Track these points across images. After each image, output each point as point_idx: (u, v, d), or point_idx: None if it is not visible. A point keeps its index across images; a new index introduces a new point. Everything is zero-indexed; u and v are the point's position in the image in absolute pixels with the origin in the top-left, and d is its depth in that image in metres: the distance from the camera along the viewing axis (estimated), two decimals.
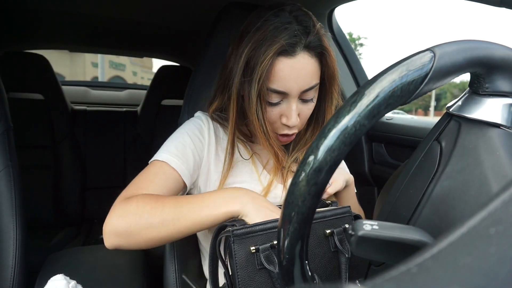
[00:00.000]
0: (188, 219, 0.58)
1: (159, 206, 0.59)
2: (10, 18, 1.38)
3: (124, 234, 0.58)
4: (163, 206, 0.59)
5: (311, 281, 0.38)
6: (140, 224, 0.58)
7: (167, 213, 0.58)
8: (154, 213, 0.58)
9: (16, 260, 0.87)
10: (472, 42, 0.33)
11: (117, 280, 1.00)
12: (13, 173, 0.91)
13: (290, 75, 0.63)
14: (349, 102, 0.31)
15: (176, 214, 0.58)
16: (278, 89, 0.64)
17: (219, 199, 0.59)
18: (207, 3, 1.20)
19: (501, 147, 0.35)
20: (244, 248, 0.54)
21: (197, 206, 0.59)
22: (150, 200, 0.60)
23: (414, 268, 0.15)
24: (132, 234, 0.58)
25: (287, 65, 0.62)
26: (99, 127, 2.07)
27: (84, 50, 2.31)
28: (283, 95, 0.65)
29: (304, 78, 0.64)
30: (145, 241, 0.59)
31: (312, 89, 0.66)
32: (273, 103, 0.66)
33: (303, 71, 0.63)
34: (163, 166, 0.67)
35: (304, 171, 0.32)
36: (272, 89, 0.64)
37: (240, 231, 0.54)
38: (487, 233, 0.15)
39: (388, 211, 0.42)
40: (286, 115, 0.66)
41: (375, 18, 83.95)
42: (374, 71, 1.73)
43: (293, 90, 0.64)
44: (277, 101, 0.66)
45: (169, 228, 0.58)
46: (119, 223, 0.59)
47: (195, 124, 0.75)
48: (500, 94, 0.36)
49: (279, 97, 0.65)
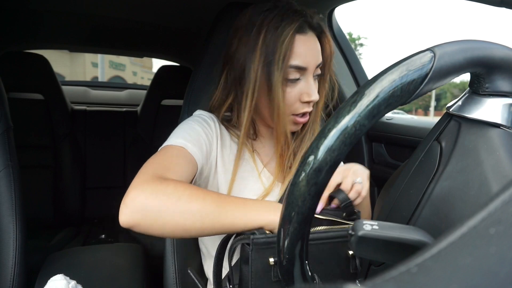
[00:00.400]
0: (229, 217, 0.54)
1: (200, 195, 0.54)
2: (10, 18, 1.38)
3: (152, 213, 0.52)
4: (205, 197, 0.54)
5: (311, 281, 0.38)
6: (176, 207, 0.52)
7: (208, 204, 0.53)
8: (195, 201, 0.53)
9: (16, 260, 0.87)
10: (472, 42, 0.33)
11: (117, 280, 1.00)
12: (13, 173, 0.91)
13: (307, 50, 0.68)
14: (349, 102, 0.31)
15: (217, 208, 0.54)
16: (300, 65, 0.68)
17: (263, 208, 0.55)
18: (207, 3, 1.20)
19: (501, 147, 0.35)
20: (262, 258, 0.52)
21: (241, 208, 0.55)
22: (189, 187, 0.55)
23: (414, 268, 0.15)
24: (161, 215, 0.52)
25: (302, 41, 0.68)
26: (99, 127, 2.07)
27: (84, 50, 2.31)
28: (302, 71, 0.69)
29: (316, 54, 0.71)
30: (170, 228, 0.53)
31: (320, 65, 0.72)
32: (293, 81, 0.69)
33: (314, 46, 0.70)
34: (181, 150, 0.63)
35: (304, 171, 0.32)
36: (294, 65, 0.67)
37: (261, 240, 0.52)
38: (487, 233, 0.15)
39: (388, 211, 0.42)
40: (306, 91, 0.70)
41: (375, 18, 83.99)
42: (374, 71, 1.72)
43: (310, 64, 0.69)
44: (297, 77, 0.69)
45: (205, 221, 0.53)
46: (150, 200, 0.52)
47: (202, 118, 0.74)
48: (500, 94, 0.36)
49: (298, 73, 0.69)
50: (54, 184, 1.82)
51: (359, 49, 28.40)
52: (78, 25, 1.57)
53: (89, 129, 2.04)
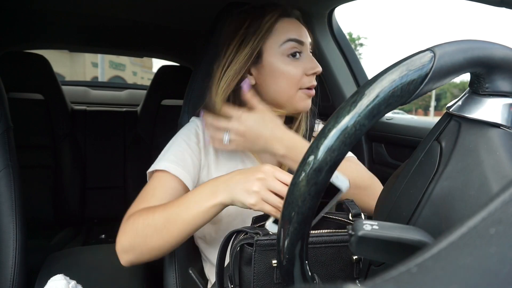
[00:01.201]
0: (178, 220, 0.59)
1: (149, 216, 0.61)
2: (10, 18, 1.38)
3: (130, 249, 0.62)
4: (153, 214, 0.60)
5: (311, 281, 0.38)
6: (138, 237, 0.61)
7: (157, 219, 0.60)
8: (147, 223, 0.60)
9: (16, 260, 0.87)
10: (472, 42, 0.33)
11: (117, 280, 1.00)
12: (13, 173, 0.91)
13: (299, 28, 0.74)
14: (349, 102, 0.31)
15: (165, 218, 0.59)
16: (298, 38, 0.72)
17: (203, 194, 0.59)
18: (207, 3, 1.20)
19: (501, 147, 0.34)
20: (265, 260, 0.52)
21: (184, 206, 0.59)
22: (143, 212, 0.62)
23: (414, 268, 0.15)
24: (135, 248, 0.62)
25: (293, 22, 0.74)
26: (99, 127, 2.07)
27: (84, 50, 2.31)
28: (301, 45, 0.72)
29: (306, 33, 0.75)
30: (149, 252, 0.62)
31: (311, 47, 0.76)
32: (295, 56, 0.72)
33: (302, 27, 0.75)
34: (163, 176, 0.68)
35: (304, 171, 0.32)
36: (293, 38, 0.72)
37: (264, 242, 0.52)
38: (487, 233, 0.15)
39: (388, 211, 0.42)
40: (310, 65, 0.73)
41: (375, 18, 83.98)
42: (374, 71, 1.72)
43: (305, 37, 0.74)
44: (298, 51, 0.72)
45: (164, 234, 0.59)
46: (123, 240, 0.62)
47: (190, 129, 0.77)
48: (500, 94, 0.36)
49: (298, 47, 0.72)
50: (54, 184, 1.82)
51: (359, 49, 28.40)
52: (78, 25, 1.56)
53: (89, 129, 2.04)
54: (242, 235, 0.56)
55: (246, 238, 0.54)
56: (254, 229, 0.55)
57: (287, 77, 0.71)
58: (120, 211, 0.71)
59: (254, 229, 0.55)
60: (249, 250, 0.53)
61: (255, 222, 0.58)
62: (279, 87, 0.73)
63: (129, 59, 14.77)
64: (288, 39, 0.71)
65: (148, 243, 0.61)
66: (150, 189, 0.68)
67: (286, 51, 0.71)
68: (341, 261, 0.56)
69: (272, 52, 0.72)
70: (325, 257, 0.55)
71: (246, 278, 0.54)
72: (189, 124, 0.80)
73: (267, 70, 0.72)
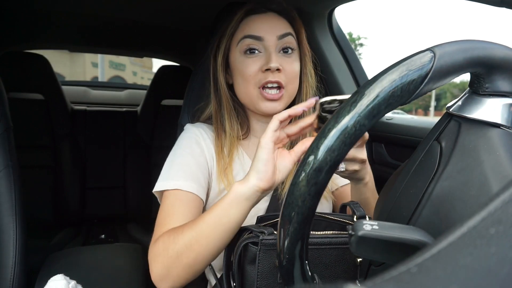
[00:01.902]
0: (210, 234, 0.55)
1: (178, 234, 0.57)
2: (10, 18, 1.38)
3: (165, 274, 0.57)
4: (182, 232, 0.57)
5: (311, 281, 0.38)
6: (171, 258, 0.56)
7: (187, 236, 0.56)
8: (177, 242, 0.56)
9: (16, 260, 0.87)
10: (472, 42, 0.33)
11: (117, 280, 1.00)
12: (13, 173, 0.91)
13: (263, 23, 0.71)
14: (349, 102, 0.31)
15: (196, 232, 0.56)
16: (254, 34, 0.70)
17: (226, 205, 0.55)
18: (207, 3, 1.20)
19: (501, 147, 0.34)
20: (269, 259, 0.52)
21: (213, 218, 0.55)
22: (171, 232, 0.59)
23: (414, 268, 0.15)
24: (170, 271, 0.57)
25: (258, 18, 0.72)
26: (99, 127, 2.07)
27: (84, 50, 2.31)
28: (258, 42, 0.70)
29: (278, 26, 0.71)
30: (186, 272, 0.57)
31: (290, 35, 0.71)
32: (252, 53, 0.70)
33: (275, 21, 0.72)
34: (177, 194, 0.66)
35: (304, 171, 0.32)
36: (248, 34, 0.70)
37: (269, 241, 0.52)
38: (487, 233, 0.15)
39: (388, 211, 0.42)
40: (265, 61, 0.69)
41: (375, 18, 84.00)
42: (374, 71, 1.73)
43: (268, 34, 0.70)
44: (255, 48, 0.70)
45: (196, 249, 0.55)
46: (157, 266, 0.58)
47: (190, 139, 0.75)
48: (500, 94, 0.36)
49: (255, 44, 0.70)
50: (54, 184, 1.82)
51: (359, 49, 28.39)
52: (78, 25, 1.57)
53: (89, 129, 2.04)
54: (246, 233, 0.56)
55: (251, 237, 0.54)
56: (259, 228, 0.55)
57: (242, 74, 0.70)
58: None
59: (259, 228, 0.55)
60: (253, 249, 0.53)
61: (259, 221, 0.58)
62: (239, 86, 0.72)
63: (129, 59, 14.78)
64: (243, 36, 0.70)
65: (183, 261, 0.56)
66: (169, 208, 0.65)
67: (242, 48, 0.70)
68: (345, 263, 0.56)
69: (232, 51, 0.73)
70: (329, 259, 0.55)
71: (249, 277, 0.54)
72: (186, 133, 0.77)
73: (232, 70, 0.74)
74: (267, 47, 0.70)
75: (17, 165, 0.93)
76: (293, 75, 0.71)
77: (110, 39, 1.81)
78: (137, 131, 2.06)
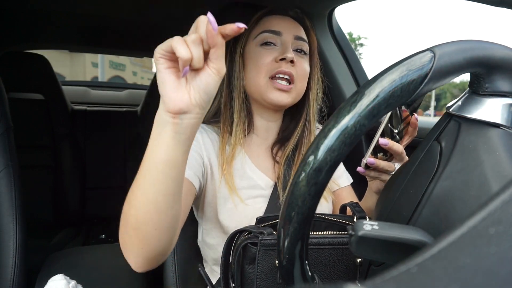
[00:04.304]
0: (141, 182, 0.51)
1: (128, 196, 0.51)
2: (10, 18, 1.38)
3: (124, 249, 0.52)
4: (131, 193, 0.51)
5: (311, 281, 0.38)
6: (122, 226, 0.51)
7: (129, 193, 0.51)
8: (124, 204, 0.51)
9: (16, 260, 0.87)
10: (472, 42, 0.33)
11: (117, 280, 1.00)
12: (13, 173, 0.91)
13: (282, 22, 0.74)
14: (349, 102, 0.31)
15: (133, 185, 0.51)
16: (273, 29, 0.72)
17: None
18: (207, 3, 1.20)
19: (501, 147, 0.34)
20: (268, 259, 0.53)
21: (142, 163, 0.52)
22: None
23: (414, 268, 0.15)
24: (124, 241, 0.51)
25: (277, 17, 0.75)
26: (99, 127, 2.07)
27: (84, 50, 2.31)
28: (276, 35, 0.72)
29: (295, 29, 0.75)
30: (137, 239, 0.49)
31: (304, 41, 0.75)
32: (269, 45, 0.72)
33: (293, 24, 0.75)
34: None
35: (304, 171, 0.32)
36: (267, 29, 0.73)
37: (269, 241, 0.52)
38: (487, 233, 0.15)
39: (388, 211, 0.42)
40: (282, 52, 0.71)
41: (375, 18, 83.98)
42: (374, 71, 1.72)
43: (286, 29, 0.73)
44: (273, 42, 0.72)
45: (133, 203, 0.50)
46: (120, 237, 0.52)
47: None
48: (500, 94, 0.36)
49: (272, 38, 0.72)
50: (54, 184, 1.82)
51: (359, 49, 28.40)
52: (78, 25, 1.56)
53: (89, 129, 2.04)
54: (245, 234, 0.56)
55: (250, 237, 0.54)
56: (258, 228, 0.55)
57: (255, 63, 0.72)
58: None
59: (258, 228, 0.55)
60: (253, 250, 0.53)
61: (258, 222, 0.58)
62: (250, 75, 0.73)
63: (129, 59, 14.78)
64: (262, 30, 0.73)
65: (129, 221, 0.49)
66: None
67: (260, 41, 0.73)
68: (345, 263, 0.56)
69: (248, 45, 0.75)
70: (329, 259, 0.56)
71: (249, 277, 0.54)
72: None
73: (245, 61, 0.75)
74: (284, 41, 0.73)
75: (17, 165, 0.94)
76: (303, 73, 0.74)
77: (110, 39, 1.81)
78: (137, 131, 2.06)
